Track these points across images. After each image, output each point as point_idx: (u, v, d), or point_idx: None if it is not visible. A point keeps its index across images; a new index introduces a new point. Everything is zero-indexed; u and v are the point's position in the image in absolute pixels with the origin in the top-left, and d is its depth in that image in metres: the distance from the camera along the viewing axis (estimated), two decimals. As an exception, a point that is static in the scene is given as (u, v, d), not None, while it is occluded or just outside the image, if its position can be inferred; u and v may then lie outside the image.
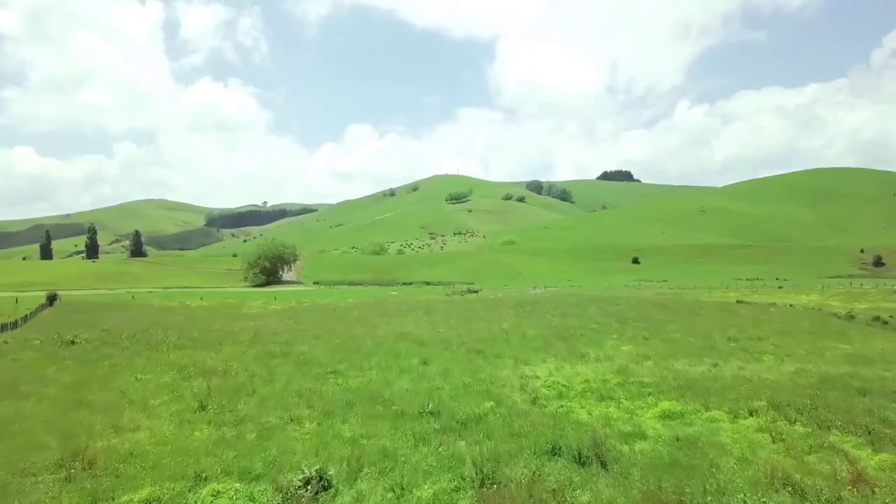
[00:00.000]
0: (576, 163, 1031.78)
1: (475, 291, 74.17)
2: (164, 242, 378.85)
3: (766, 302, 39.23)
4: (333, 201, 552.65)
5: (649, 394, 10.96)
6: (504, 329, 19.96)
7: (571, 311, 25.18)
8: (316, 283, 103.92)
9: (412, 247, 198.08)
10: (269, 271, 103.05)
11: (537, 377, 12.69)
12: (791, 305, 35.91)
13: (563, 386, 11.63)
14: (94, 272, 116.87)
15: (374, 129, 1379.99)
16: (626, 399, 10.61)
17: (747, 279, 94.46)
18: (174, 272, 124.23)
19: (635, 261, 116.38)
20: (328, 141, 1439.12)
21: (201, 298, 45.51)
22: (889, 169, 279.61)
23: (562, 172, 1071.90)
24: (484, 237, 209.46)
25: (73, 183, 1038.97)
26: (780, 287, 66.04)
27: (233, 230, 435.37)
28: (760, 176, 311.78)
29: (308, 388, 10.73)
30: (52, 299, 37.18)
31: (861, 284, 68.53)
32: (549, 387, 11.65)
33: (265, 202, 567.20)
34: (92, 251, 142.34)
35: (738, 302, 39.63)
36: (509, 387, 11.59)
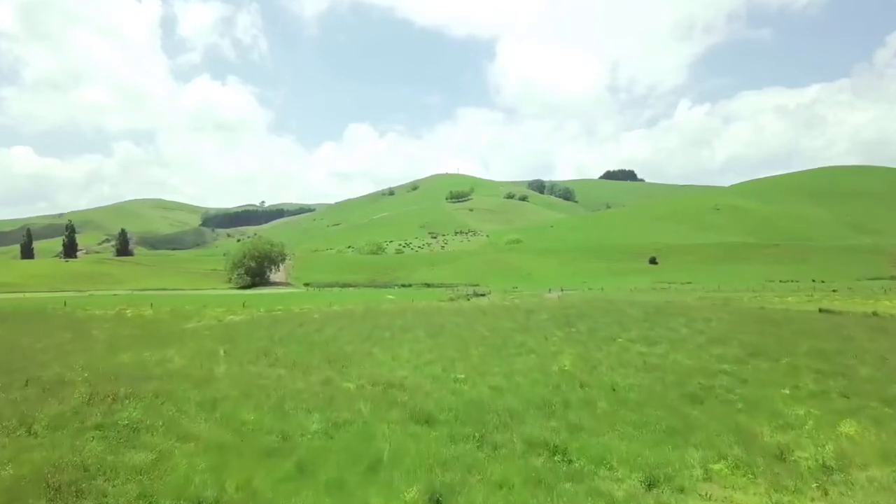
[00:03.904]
0: (576, 163, 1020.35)
1: (482, 294, 65.92)
2: (157, 242, 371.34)
3: (861, 311, 30.76)
4: (332, 202, 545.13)
5: None
6: (567, 370, 11.48)
7: (651, 331, 16.70)
8: (306, 284, 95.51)
9: (412, 246, 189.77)
10: (255, 272, 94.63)
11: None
12: (903, 316, 27.40)
13: None
14: (68, 273, 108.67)
15: (374, 128, 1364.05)
16: None
17: (780, 281, 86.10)
18: (156, 272, 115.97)
19: (653, 261, 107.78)
20: (327, 140, 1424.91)
21: (151, 304, 36.98)
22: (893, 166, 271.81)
23: (562, 172, 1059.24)
24: (487, 236, 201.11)
25: (72, 183, 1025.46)
26: (834, 290, 57.69)
27: (228, 230, 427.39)
28: (761, 176, 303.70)
29: None
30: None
31: (927, 287, 60.17)
32: None
33: (262, 202, 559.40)
34: (70, 251, 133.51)
35: (820, 311, 31.26)
36: None
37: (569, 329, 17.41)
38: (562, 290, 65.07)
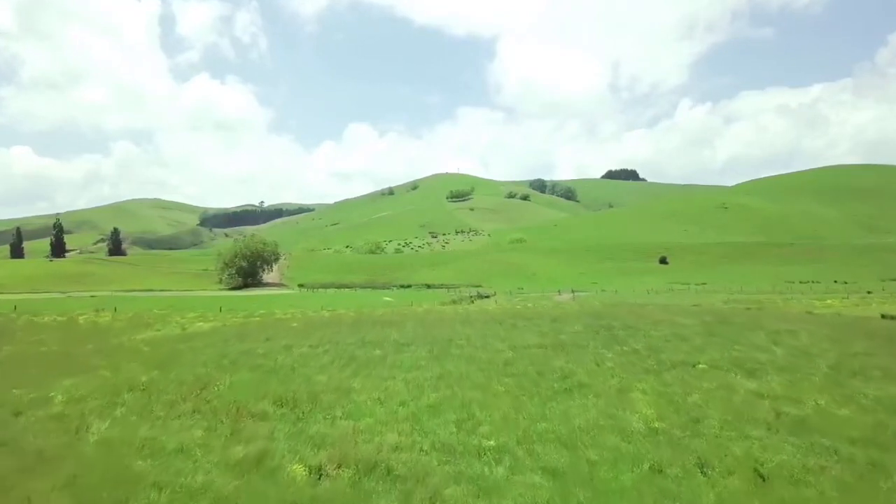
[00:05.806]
0: (577, 163, 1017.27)
1: (487, 296, 61.75)
2: (154, 242, 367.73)
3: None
4: (332, 201, 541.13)
5: None
6: (656, 427, 7.16)
7: (731, 350, 12.37)
8: (301, 285, 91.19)
9: (411, 246, 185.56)
10: (248, 272, 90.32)
11: None
12: None
13: None
14: (52, 273, 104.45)
15: (374, 128, 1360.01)
16: None
17: (800, 282, 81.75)
18: (146, 273, 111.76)
19: (663, 261, 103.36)
20: (327, 140, 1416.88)
21: (115, 309, 32.71)
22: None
23: (562, 172, 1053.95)
24: (489, 236, 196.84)
25: (71, 183, 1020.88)
26: (869, 292, 53.39)
27: (227, 230, 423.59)
28: (763, 176, 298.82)
29: None
30: None
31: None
32: None
33: (262, 202, 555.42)
34: (58, 250, 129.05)
35: (883, 317, 27.05)
36: None
37: (619, 347, 13.05)
38: (573, 292, 60.72)
